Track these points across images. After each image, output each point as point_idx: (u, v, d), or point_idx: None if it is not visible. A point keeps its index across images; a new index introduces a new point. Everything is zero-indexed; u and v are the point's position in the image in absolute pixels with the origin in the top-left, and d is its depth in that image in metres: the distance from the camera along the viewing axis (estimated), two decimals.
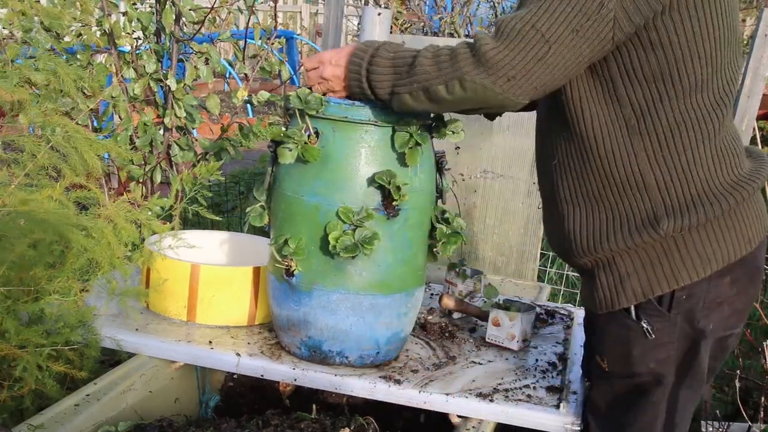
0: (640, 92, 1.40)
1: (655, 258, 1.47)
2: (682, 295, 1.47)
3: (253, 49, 2.95)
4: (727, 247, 1.46)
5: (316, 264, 1.76)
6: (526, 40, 1.34)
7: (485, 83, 1.38)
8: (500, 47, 1.35)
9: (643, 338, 1.49)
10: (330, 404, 2.05)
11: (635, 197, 1.45)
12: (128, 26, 2.59)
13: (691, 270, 1.45)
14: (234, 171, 5.45)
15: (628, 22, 1.34)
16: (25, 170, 1.64)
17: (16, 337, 1.52)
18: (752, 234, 1.49)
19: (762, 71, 2.57)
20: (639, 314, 1.49)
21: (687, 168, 1.43)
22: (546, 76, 1.38)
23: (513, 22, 1.35)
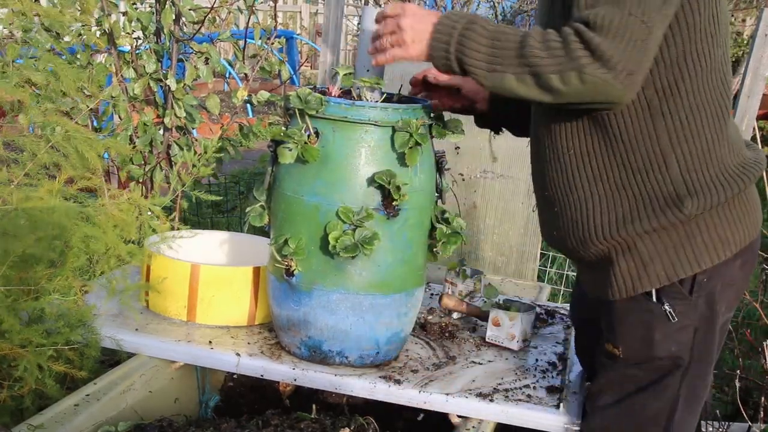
0: (663, 73, 1.42)
1: (677, 241, 1.48)
2: (703, 278, 1.49)
3: (253, 49, 2.95)
4: (743, 230, 1.51)
5: (316, 264, 1.75)
6: (631, 30, 1.32)
7: (607, 78, 1.34)
8: (614, 43, 1.32)
9: (665, 321, 1.50)
10: (330, 404, 2.05)
11: (657, 179, 1.46)
12: (128, 26, 2.59)
13: (713, 253, 1.48)
14: (234, 171, 5.45)
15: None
16: (25, 170, 1.64)
17: (17, 337, 1.52)
18: (757, 218, 1.55)
19: (762, 71, 2.57)
20: (661, 297, 1.50)
21: (706, 147, 1.46)
22: (649, 62, 1.37)
23: (611, 16, 1.32)
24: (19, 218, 1.57)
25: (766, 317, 2.22)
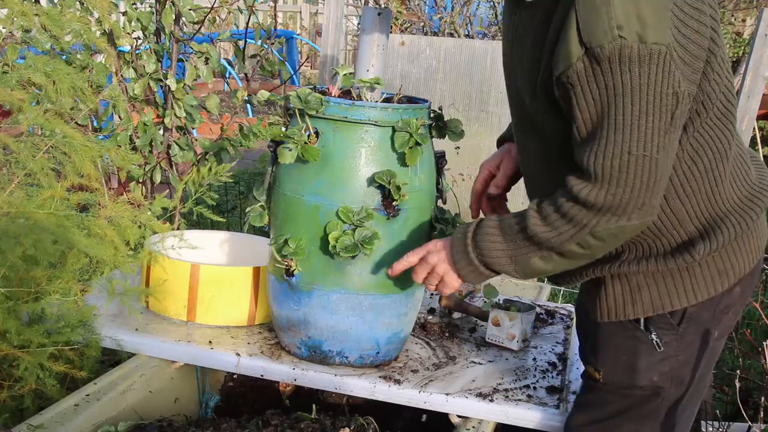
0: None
1: (675, 273, 1.43)
2: (694, 310, 1.45)
3: (253, 49, 2.95)
4: (744, 259, 1.44)
5: (316, 264, 1.75)
6: (633, 171, 1.27)
7: (620, 224, 1.32)
8: (612, 188, 1.28)
9: (651, 350, 1.46)
10: (330, 404, 2.05)
11: (671, 234, 1.41)
12: (128, 26, 2.59)
13: (710, 286, 1.43)
14: (234, 171, 5.44)
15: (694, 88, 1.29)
16: (24, 170, 1.64)
17: (17, 337, 1.52)
18: (762, 241, 1.48)
19: (762, 71, 2.57)
20: (649, 326, 1.46)
21: (713, 189, 1.39)
22: (665, 178, 1.32)
23: (607, 163, 1.27)
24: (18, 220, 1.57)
25: (766, 317, 2.22)
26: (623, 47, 1.19)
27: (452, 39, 3.03)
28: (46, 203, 1.61)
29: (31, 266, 1.58)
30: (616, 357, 1.51)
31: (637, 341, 1.47)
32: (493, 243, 1.45)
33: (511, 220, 1.44)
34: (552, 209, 1.36)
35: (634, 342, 1.47)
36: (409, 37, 2.95)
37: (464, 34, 5.01)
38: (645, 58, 1.20)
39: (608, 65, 1.21)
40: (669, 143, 1.27)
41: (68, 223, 1.62)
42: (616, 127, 1.24)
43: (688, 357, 1.47)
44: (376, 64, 1.78)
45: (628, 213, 1.31)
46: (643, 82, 1.21)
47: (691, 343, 1.47)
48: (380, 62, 1.79)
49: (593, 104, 1.26)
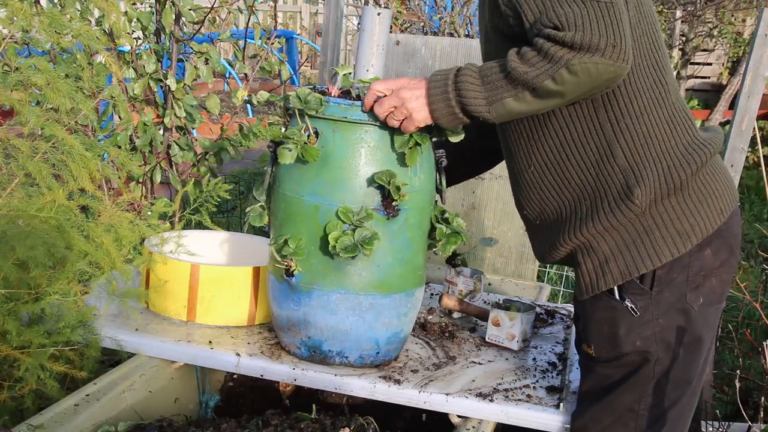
0: None
1: (636, 237, 1.52)
2: (662, 273, 1.52)
3: (253, 49, 2.95)
4: (703, 220, 1.52)
5: (316, 264, 1.76)
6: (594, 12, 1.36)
7: (595, 60, 1.37)
8: (584, 29, 1.36)
9: (628, 317, 1.54)
10: (330, 404, 2.05)
11: (608, 171, 1.51)
12: (128, 26, 2.59)
13: (672, 246, 1.51)
14: (234, 171, 5.45)
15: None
16: (24, 170, 1.64)
17: (18, 338, 1.52)
18: (723, 204, 1.54)
19: (762, 71, 2.57)
20: (622, 294, 1.54)
21: (646, 130, 1.50)
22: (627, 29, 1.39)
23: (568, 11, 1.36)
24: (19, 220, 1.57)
25: (766, 317, 2.22)
26: None
27: (448, 38, 3.02)
28: (47, 206, 1.61)
29: (30, 269, 1.57)
30: (600, 329, 1.59)
31: (614, 310, 1.56)
32: (472, 84, 1.48)
33: (491, 63, 1.49)
34: (529, 50, 1.42)
35: (612, 312, 1.56)
36: (404, 37, 2.94)
37: (464, 34, 5.01)
38: None
39: None
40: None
41: (68, 225, 1.62)
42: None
43: (669, 320, 1.54)
44: (376, 64, 1.78)
45: (601, 48, 1.36)
46: None
47: (670, 307, 1.54)
48: (380, 62, 1.79)
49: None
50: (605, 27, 1.36)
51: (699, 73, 8.83)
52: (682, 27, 7.83)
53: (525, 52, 1.42)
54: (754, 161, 6.10)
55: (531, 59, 1.41)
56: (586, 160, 1.53)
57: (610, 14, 1.36)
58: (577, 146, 1.53)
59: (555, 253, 1.63)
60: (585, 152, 1.53)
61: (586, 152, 1.52)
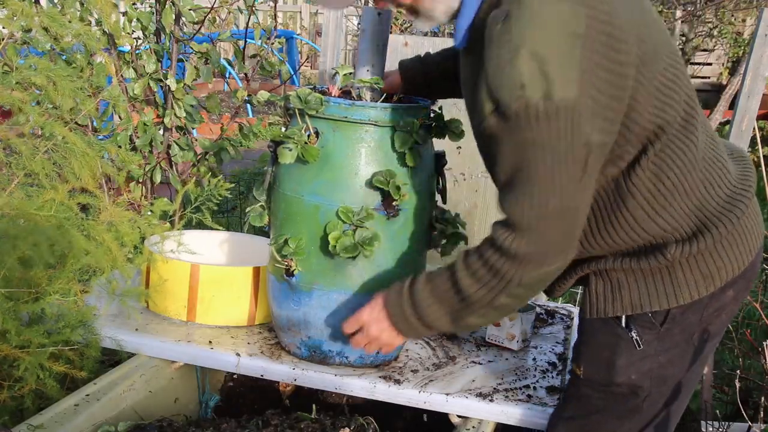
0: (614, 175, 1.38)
1: (656, 273, 1.43)
2: (677, 312, 1.44)
3: (253, 49, 2.95)
4: (732, 263, 1.42)
5: (316, 264, 1.75)
6: (551, 219, 1.31)
7: (544, 270, 1.37)
8: (533, 239, 1.33)
9: (631, 348, 1.46)
10: (330, 404, 2.05)
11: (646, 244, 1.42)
12: (128, 26, 2.59)
13: (693, 289, 1.42)
14: (234, 171, 5.45)
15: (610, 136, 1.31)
16: (24, 170, 1.64)
17: (17, 338, 1.52)
18: (752, 243, 1.45)
19: (762, 71, 2.57)
20: (630, 324, 1.46)
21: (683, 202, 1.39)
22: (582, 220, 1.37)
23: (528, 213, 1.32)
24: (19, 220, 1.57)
25: (766, 317, 2.22)
26: (528, 105, 1.22)
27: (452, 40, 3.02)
28: (47, 205, 1.61)
29: (30, 268, 1.57)
30: (596, 353, 1.52)
31: (618, 338, 1.47)
32: (431, 309, 1.49)
33: (443, 284, 1.47)
34: (480, 263, 1.40)
35: (614, 339, 1.48)
36: (413, 38, 2.94)
37: None
38: (552, 113, 1.22)
39: (516, 122, 1.24)
40: (584, 189, 1.31)
41: (68, 224, 1.62)
42: (532, 180, 1.28)
43: (671, 358, 1.47)
44: (376, 64, 1.78)
45: (549, 259, 1.36)
46: (552, 136, 1.24)
47: (675, 345, 1.47)
48: (380, 62, 1.79)
49: (509, 156, 1.30)
50: (558, 235, 1.34)
51: (699, 73, 8.83)
52: (682, 27, 7.83)
53: (476, 269, 1.40)
54: (754, 161, 6.11)
55: (482, 277, 1.40)
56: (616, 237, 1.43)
57: (569, 221, 1.33)
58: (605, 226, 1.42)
59: (562, 285, 1.55)
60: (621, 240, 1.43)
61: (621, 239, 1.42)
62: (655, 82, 1.32)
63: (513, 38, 1.22)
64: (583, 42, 1.22)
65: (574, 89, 1.22)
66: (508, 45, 1.23)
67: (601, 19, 1.23)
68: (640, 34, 1.29)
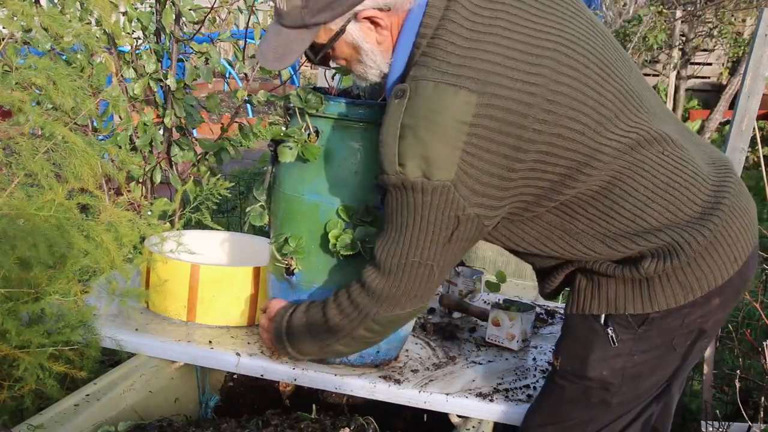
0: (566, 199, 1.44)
1: (636, 280, 1.45)
2: (656, 316, 1.46)
3: (253, 49, 2.95)
4: (712, 273, 1.44)
5: (316, 263, 1.75)
6: (407, 270, 1.45)
7: (396, 312, 1.52)
8: (389, 282, 1.48)
9: (605, 345, 1.49)
10: (330, 404, 2.05)
11: (622, 257, 1.46)
12: (128, 26, 2.59)
13: (669, 298, 1.44)
14: (234, 171, 5.45)
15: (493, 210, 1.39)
16: (25, 170, 1.64)
17: (17, 338, 1.52)
18: (737, 252, 1.45)
19: (762, 71, 2.57)
20: (607, 321, 1.49)
21: (644, 224, 1.41)
22: (441, 276, 1.49)
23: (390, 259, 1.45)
24: (19, 220, 1.57)
25: (766, 317, 2.22)
26: (405, 180, 1.35)
27: None
28: (46, 205, 1.61)
29: (30, 268, 1.57)
30: (573, 346, 1.56)
31: (595, 334, 1.51)
32: (303, 341, 1.67)
33: (316, 314, 1.62)
34: (345, 296, 1.56)
35: (591, 334, 1.51)
36: None
37: None
38: (428, 190, 1.35)
39: (394, 191, 1.39)
40: (447, 252, 1.43)
41: (68, 224, 1.62)
42: (401, 232, 1.42)
43: (648, 359, 1.49)
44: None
45: (402, 304, 1.51)
46: (425, 206, 1.37)
47: (654, 347, 1.48)
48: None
49: (388, 206, 1.43)
50: (413, 286, 1.46)
51: (699, 73, 8.83)
52: (682, 27, 7.83)
53: (341, 301, 1.56)
54: (754, 161, 6.10)
55: (345, 309, 1.56)
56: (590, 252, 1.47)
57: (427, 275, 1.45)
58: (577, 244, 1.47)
59: (550, 284, 1.60)
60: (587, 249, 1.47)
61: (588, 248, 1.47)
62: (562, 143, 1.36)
63: (402, 118, 1.33)
64: (470, 129, 1.31)
65: (452, 171, 1.33)
66: (396, 124, 1.34)
67: (493, 104, 1.31)
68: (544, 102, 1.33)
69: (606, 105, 1.38)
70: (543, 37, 1.35)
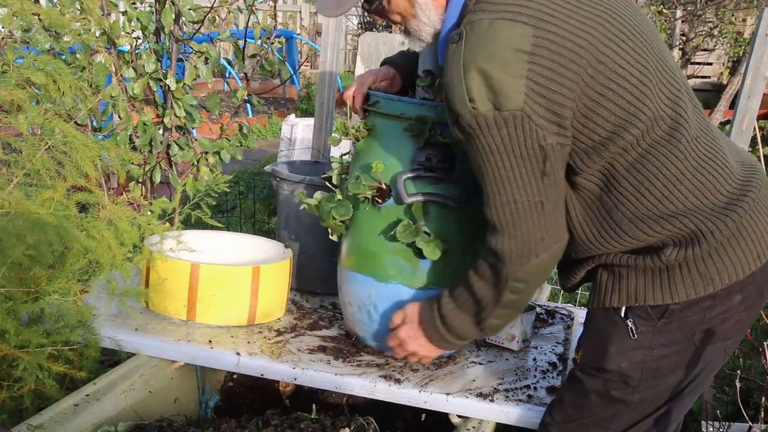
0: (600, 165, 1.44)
1: (656, 270, 1.46)
2: (676, 308, 1.46)
3: (253, 48, 2.95)
4: (734, 266, 1.44)
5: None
6: (521, 215, 1.43)
7: (534, 263, 1.48)
8: (509, 235, 1.46)
9: (624, 336, 1.50)
10: (330, 404, 2.05)
11: (644, 246, 1.46)
12: (127, 26, 2.59)
13: (689, 288, 1.44)
14: (234, 171, 5.45)
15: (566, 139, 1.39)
16: (24, 170, 1.63)
17: (16, 338, 1.52)
18: (762, 248, 1.46)
19: (762, 71, 2.57)
20: (627, 313, 1.50)
21: (672, 211, 1.42)
22: (558, 209, 1.47)
23: (500, 212, 1.44)
24: (18, 219, 1.56)
25: (766, 317, 2.21)
26: (478, 116, 1.36)
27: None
28: (46, 203, 1.61)
29: (32, 266, 1.57)
30: (593, 339, 1.57)
31: (614, 326, 1.51)
32: (458, 321, 1.65)
33: (462, 293, 1.62)
34: (486, 266, 1.54)
35: (611, 326, 1.52)
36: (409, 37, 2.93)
37: None
38: (501, 123, 1.35)
39: (471, 131, 1.38)
40: (548, 186, 1.42)
41: (68, 224, 1.62)
42: (495, 182, 1.42)
43: (667, 354, 1.49)
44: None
45: (532, 251, 1.47)
46: (506, 142, 1.37)
47: (674, 342, 1.48)
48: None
49: (475, 163, 1.44)
50: (532, 227, 1.44)
51: (699, 73, 8.83)
52: (682, 27, 7.84)
53: (483, 271, 1.55)
54: None
55: (488, 278, 1.55)
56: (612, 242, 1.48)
57: (539, 213, 1.43)
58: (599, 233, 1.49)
59: (573, 276, 1.61)
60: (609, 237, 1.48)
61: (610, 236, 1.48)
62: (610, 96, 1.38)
63: (462, 57, 1.35)
64: (530, 58, 1.33)
65: (521, 99, 1.33)
66: (458, 63, 1.36)
67: (549, 39, 1.33)
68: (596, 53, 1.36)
69: (648, 76, 1.40)
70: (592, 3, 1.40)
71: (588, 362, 1.56)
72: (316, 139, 3.01)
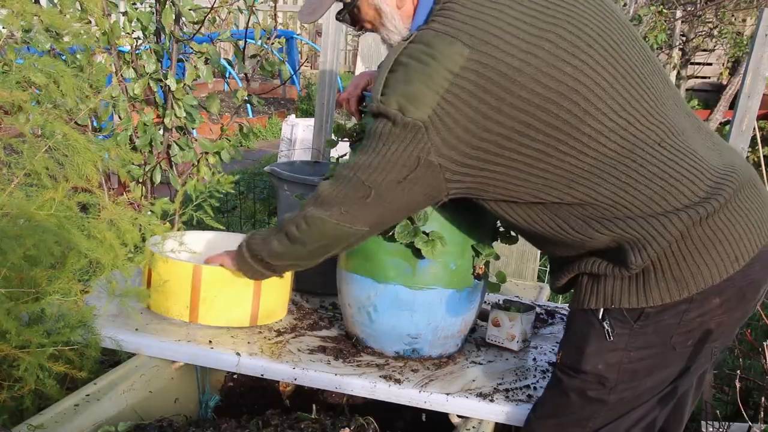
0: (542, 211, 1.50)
1: (632, 276, 1.46)
2: (652, 311, 1.46)
3: (253, 49, 2.95)
4: (709, 270, 1.42)
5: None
6: (350, 183, 1.52)
7: (322, 216, 1.56)
8: (332, 188, 1.55)
9: (601, 338, 1.51)
10: (330, 404, 2.05)
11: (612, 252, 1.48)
12: (128, 26, 2.59)
13: (664, 292, 1.44)
14: (234, 171, 5.45)
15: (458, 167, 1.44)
16: (24, 170, 1.64)
17: (17, 338, 1.52)
18: (740, 250, 1.43)
19: (762, 71, 2.57)
20: (605, 316, 1.50)
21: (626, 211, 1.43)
22: (378, 211, 1.54)
23: (343, 168, 1.54)
24: (19, 220, 1.57)
25: (766, 317, 2.22)
26: (384, 110, 1.44)
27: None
28: (47, 204, 1.61)
29: (32, 266, 1.57)
30: (571, 340, 1.59)
31: (592, 327, 1.53)
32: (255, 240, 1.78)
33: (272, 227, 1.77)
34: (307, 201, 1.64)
35: (588, 327, 1.53)
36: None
37: None
38: (399, 123, 1.42)
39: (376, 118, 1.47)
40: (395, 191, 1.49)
41: (69, 224, 1.62)
42: (364, 155, 1.49)
43: (644, 356, 1.49)
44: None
45: (331, 209, 1.55)
46: (392, 137, 1.44)
47: (651, 344, 1.49)
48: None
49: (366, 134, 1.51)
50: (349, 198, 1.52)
51: (699, 73, 8.84)
52: (682, 27, 7.84)
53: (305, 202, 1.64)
54: (754, 161, 6.10)
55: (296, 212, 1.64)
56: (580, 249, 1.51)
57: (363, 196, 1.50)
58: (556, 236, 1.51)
59: (561, 278, 1.61)
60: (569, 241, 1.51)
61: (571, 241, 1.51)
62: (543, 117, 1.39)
63: (398, 55, 1.44)
64: (453, 78, 1.37)
65: (426, 114, 1.39)
66: (393, 58, 1.45)
67: (482, 62, 1.37)
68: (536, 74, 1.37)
69: (603, 86, 1.40)
70: (550, 14, 1.41)
71: (567, 362, 1.58)
72: (316, 140, 3.01)
